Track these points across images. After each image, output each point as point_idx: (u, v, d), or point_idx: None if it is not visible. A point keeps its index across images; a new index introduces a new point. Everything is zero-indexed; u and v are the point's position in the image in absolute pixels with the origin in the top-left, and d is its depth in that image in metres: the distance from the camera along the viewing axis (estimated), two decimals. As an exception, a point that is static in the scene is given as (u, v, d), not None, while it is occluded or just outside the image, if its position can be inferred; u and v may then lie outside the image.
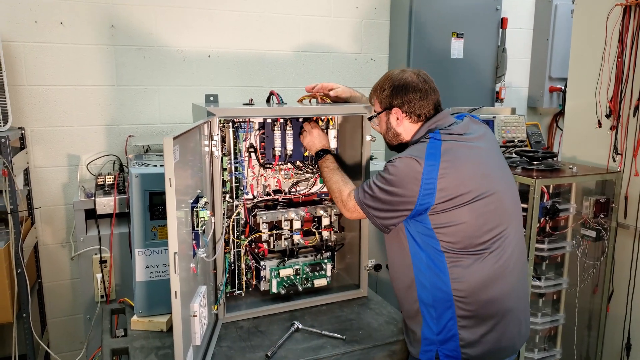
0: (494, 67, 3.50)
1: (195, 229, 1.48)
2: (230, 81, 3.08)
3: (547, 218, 2.20)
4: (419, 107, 1.73)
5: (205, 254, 1.60)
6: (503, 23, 3.46)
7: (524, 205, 2.21)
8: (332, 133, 2.17)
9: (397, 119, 1.76)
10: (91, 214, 2.49)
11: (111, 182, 2.55)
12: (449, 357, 1.64)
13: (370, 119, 1.90)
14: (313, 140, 2.03)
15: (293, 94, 2.33)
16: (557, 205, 2.20)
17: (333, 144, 2.17)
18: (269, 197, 2.14)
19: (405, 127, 1.77)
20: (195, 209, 1.47)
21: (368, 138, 2.04)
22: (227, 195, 1.95)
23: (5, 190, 2.25)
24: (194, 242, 1.50)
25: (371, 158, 2.14)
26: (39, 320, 2.83)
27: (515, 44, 3.76)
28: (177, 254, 1.30)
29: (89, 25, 2.75)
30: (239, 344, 1.77)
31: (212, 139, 1.77)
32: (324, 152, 2.00)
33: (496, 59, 3.49)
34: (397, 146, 1.82)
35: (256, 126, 2.06)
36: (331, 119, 2.16)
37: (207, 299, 1.65)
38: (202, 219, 1.48)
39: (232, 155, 1.96)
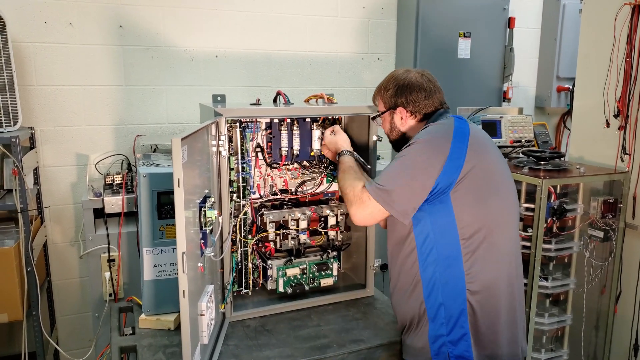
0: (501, 66, 3.49)
1: (203, 228, 1.50)
2: (237, 81, 3.10)
3: (554, 218, 2.19)
4: (423, 106, 1.72)
5: (212, 254, 1.61)
6: (510, 22, 3.45)
7: (531, 205, 2.21)
8: (339, 133, 2.17)
9: (402, 118, 1.76)
10: (100, 213, 2.51)
11: (119, 182, 2.57)
12: (461, 358, 1.58)
13: (373, 118, 1.90)
14: (337, 141, 1.97)
15: (300, 94, 2.34)
16: (564, 205, 2.19)
17: (339, 144, 2.18)
18: (275, 197, 2.14)
19: (410, 126, 1.76)
20: (203, 209, 1.49)
21: (374, 138, 2.05)
22: (234, 195, 1.96)
23: (16, 190, 2.28)
24: (202, 241, 1.51)
25: (378, 158, 2.14)
26: (48, 318, 2.86)
27: (523, 44, 3.74)
28: (185, 253, 1.32)
29: (97, 26, 2.77)
30: (246, 343, 1.78)
31: (219, 139, 1.78)
32: (345, 152, 1.93)
33: (503, 58, 3.48)
34: (401, 143, 1.77)
35: (263, 126, 2.07)
36: (337, 119, 2.16)
37: (214, 297, 1.66)
38: (210, 218, 1.49)
39: (240, 155, 1.97)
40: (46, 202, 2.81)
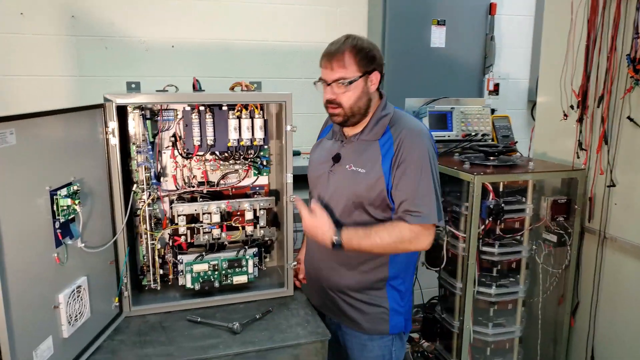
0: (481, 56, 3.26)
1: (57, 217, 1.43)
2: (194, 72, 2.98)
3: (491, 219, 1.98)
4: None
5: (83, 244, 1.54)
6: (492, 9, 3.21)
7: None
8: (258, 123, 2.05)
9: (373, 83, 1.71)
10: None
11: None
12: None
13: (351, 82, 1.67)
14: (323, 229, 1.72)
15: (264, 84, 2.22)
16: (502, 205, 1.98)
17: (260, 135, 2.06)
18: (192, 189, 2.06)
19: (373, 94, 1.74)
20: (55, 197, 1.42)
21: (288, 128, 1.93)
22: (135, 186, 1.89)
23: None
24: (59, 231, 1.44)
25: (297, 153, 2.01)
26: None
27: (513, 33, 3.50)
28: None
29: (49, 16, 2.77)
30: (133, 338, 1.71)
31: (106, 127, 1.71)
32: (338, 236, 1.70)
33: (484, 48, 3.25)
34: (359, 117, 1.74)
35: (180, 115, 1.99)
36: (257, 107, 2.04)
37: (88, 291, 1.59)
38: (64, 207, 1.42)
39: (143, 144, 1.90)
40: None
